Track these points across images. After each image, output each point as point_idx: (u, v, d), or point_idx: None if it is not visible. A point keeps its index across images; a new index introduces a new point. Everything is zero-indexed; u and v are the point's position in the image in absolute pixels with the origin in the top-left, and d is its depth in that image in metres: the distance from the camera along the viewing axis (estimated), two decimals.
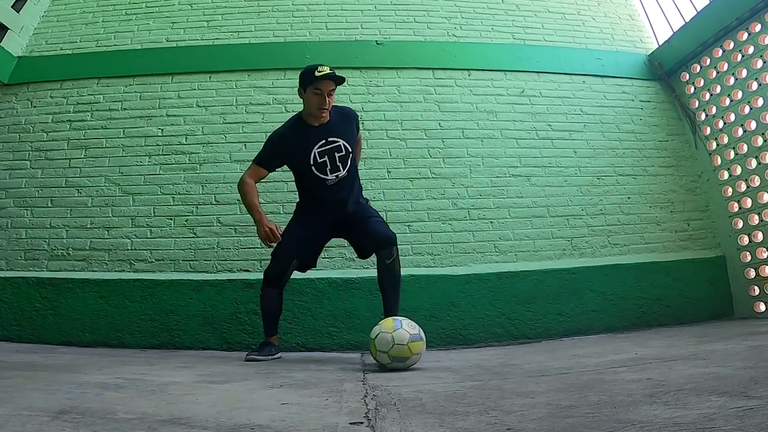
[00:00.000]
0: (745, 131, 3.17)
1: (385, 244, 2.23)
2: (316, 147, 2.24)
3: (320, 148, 2.24)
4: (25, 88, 3.47)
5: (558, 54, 3.73)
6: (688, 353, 1.78)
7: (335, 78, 2.19)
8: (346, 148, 2.29)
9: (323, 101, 2.18)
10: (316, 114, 2.23)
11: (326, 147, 2.25)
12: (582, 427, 0.90)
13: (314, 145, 2.24)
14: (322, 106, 2.20)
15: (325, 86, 2.17)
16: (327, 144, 2.25)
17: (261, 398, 1.30)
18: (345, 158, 2.29)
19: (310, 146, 2.24)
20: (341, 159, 2.27)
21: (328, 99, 2.19)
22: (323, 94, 2.18)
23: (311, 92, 2.19)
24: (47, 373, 1.67)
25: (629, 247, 3.28)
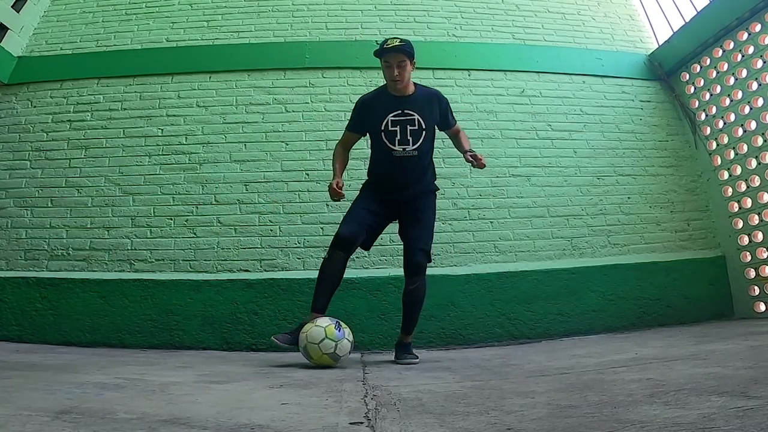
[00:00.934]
0: (745, 131, 3.17)
1: (410, 271, 2.25)
2: (391, 114, 2.28)
3: (395, 117, 2.28)
4: (25, 88, 3.47)
5: (558, 54, 3.73)
6: (688, 353, 1.78)
7: (403, 50, 2.22)
8: (420, 124, 2.28)
9: (393, 73, 2.24)
10: (391, 85, 2.29)
11: (400, 117, 2.28)
12: (582, 427, 0.90)
13: (390, 113, 2.28)
14: (392, 78, 2.25)
15: (392, 59, 2.23)
16: (402, 115, 2.28)
17: (261, 398, 1.30)
18: (417, 134, 2.28)
19: (386, 113, 2.29)
20: (413, 133, 2.27)
21: (398, 70, 2.23)
22: (392, 66, 2.24)
23: (383, 65, 2.27)
24: (47, 373, 1.67)
25: (629, 247, 3.28)
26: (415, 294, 2.26)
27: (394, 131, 2.27)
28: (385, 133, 2.27)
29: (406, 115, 2.28)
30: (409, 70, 2.28)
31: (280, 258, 3.03)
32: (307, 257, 3.04)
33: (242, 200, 3.15)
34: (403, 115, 2.28)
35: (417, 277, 2.25)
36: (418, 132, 2.28)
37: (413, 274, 2.24)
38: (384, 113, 2.28)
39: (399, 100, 2.30)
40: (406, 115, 2.28)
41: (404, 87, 2.29)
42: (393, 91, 2.31)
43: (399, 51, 2.22)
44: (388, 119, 2.27)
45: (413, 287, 2.25)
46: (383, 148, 2.29)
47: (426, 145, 2.32)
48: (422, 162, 2.33)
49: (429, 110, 2.34)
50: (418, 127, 2.28)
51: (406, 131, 2.27)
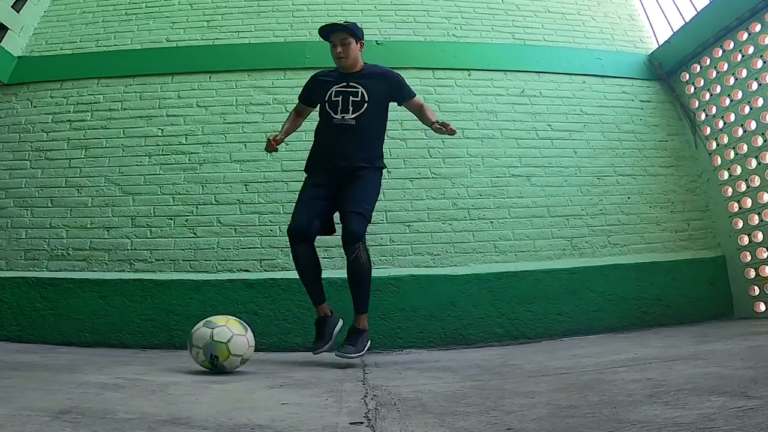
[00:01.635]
0: (745, 131, 3.17)
1: (346, 241, 2.18)
2: (336, 86, 2.38)
3: (339, 88, 2.37)
4: (25, 88, 3.47)
5: (558, 54, 3.73)
6: (688, 353, 1.78)
7: (341, 28, 2.35)
8: (362, 95, 2.34)
9: (336, 51, 2.36)
10: (336, 63, 2.41)
11: (344, 89, 2.37)
12: (582, 427, 0.90)
13: (335, 85, 2.38)
14: (337, 55, 2.37)
15: (335, 37, 2.36)
16: (347, 87, 2.37)
17: (261, 398, 1.30)
18: (358, 104, 2.33)
19: (333, 85, 2.39)
20: (354, 104, 2.33)
21: (341, 48, 2.35)
22: (336, 44, 2.36)
23: (330, 47, 2.39)
24: (47, 373, 1.67)
25: (629, 247, 3.28)
26: (356, 265, 2.19)
27: (336, 101, 2.35)
28: (329, 102, 2.36)
29: (351, 87, 2.37)
30: (354, 48, 2.37)
31: (280, 258, 3.03)
32: None
33: (242, 200, 3.15)
34: (348, 87, 2.37)
35: (353, 246, 2.17)
36: (360, 103, 2.33)
37: (349, 243, 2.17)
38: (330, 85, 2.39)
39: (346, 76, 2.40)
40: (351, 87, 2.37)
41: (351, 65, 2.38)
42: (342, 69, 2.41)
43: (341, 30, 2.35)
44: (333, 90, 2.37)
45: (352, 257, 2.18)
46: (325, 116, 2.38)
47: (367, 119, 2.32)
48: (363, 135, 2.32)
49: (376, 85, 2.39)
50: (360, 99, 2.34)
51: (348, 101, 2.34)
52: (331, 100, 2.35)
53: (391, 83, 2.44)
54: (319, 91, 2.42)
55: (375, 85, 2.39)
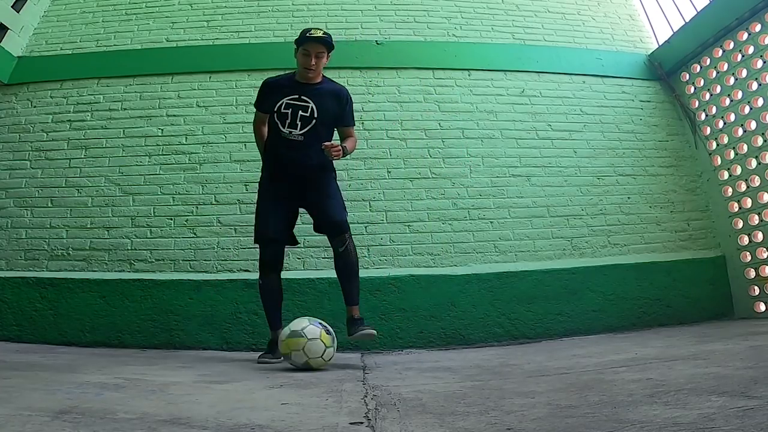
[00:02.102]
0: (745, 131, 3.17)
1: (335, 232, 2.23)
2: (288, 98, 2.31)
3: (290, 100, 2.31)
4: (25, 88, 3.47)
5: (558, 54, 3.73)
6: (688, 353, 1.78)
7: (325, 42, 2.25)
8: (313, 113, 2.30)
9: (308, 61, 2.26)
10: (302, 73, 2.32)
11: (295, 102, 2.31)
12: (582, 427, 0.90)
13: (287, 96, 2.32)
14: (307, 66, 2.27)
15: (312, 48, 2.25)
16: (298, 100, 2.31)
17: (261, 398, 1.30)
18: (307, 120, 2.30)
19: (284, 95, 2.33)
20: (302, 119, 2.29)
21: (316, 60, 2.27)
22: (311, 55, 2.26)
23: (301, 52, 2.29)
24: (47, 373, 1.67)
25: (629, 247, 3.28)
26: (347, 256, 2.24)
27: (285, 113, 2.31)
28: (278, 114, 2.32)
29: (302, 101, 2.32)
30: (324, 62, 2.32)
31: None
32: (307, 257, 3.04)
33: (242, 200, 3.15)
34: (299, 100, 2.32)
35: (343, 236, 2.23)
36: (308, 119, 2.30)
37: (339, 233, 2.23)
38: (282, 95, 2.33)
39: (301, 86, 2.34)
40: (302, 101, 2.32)
41: (314, 76, 2.33)
42: (300, 78, 2.34)
43: (322, 42, 2.25)
44: (283, 101, 2.31)
45: (343, 248, 2.23)
46: (275, 128, 2.34)
47: (315, 135, 2.30)
48: (311, 149, 2.30)
49: (331, 105, 2.36)
50: (309, 115, 2.30)
51: (296, 116, 2.30)
52: (280, 112, 2.31)
53: (342, 104, 2.39)
54: (273, 98, 2.36)
55: (326, 103, 2.34)
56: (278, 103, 2.31)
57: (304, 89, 2.33)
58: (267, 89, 2.41)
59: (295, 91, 2.32)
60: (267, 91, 2.41)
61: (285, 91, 2.34)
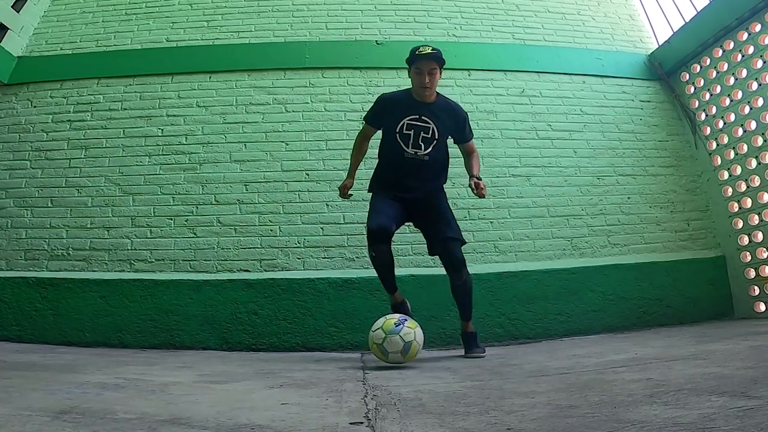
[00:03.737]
0: (745, 131, 3.17)
1: (456, 269, 2.31)
2: (408, 117, 2.34)
3: (411, 120, 2.33)
4: (25, 88, 3.47)
5: (558, 54, 3.73)
6: (688, 353, 1.78)
7: (436, 58, 2.27)
8: (434, 133, 2.34)
9: (423, 80, 2.28)
10: (419, 92, 2.34)
11: (417, 122, 2.34)
12: (582, 427, 0.90)
13: (407, 115, 2.34)
14: (422, 85, 2.29)
15: (424, 66, 2.27)
16: (419, 120, 2.34)
17: (261, 398, 1.30)
18: (429, 141, 2.34)
19: (404, 115, 2.34)
20: (425, 140, 2.33)
21: (429, 78, 2.28)
22: (423, 73, 2.27)
23: (413, 71, 2.31)
24: (47, 373, 1.67)
25: (629, 247, 3.28)
26: (465, 286, 2.35)
27: (408, 134, 2.33)
28: (400, 134, 2.33)
29: (423, 122, 2.34)
30: (438, 78, 2.33)
31: (280, 258, 3.03)
32: (307, 257, 3.04)
33: (242, 200, 3.15)
34: (420, 120, 2.34)
35: (462, 271, 2.32)
36: (431, 140, 2.35)
37: (457, 269, 2.31)
38: (402, 115, 2.34)
39: (419, 105, 2.35)
40: (423, 121, 2.34)
41: (430, 95, 2.34)
42: (417, 97, 2.36)
43: (432, 58, 2.26)
44: (405, 121, 2.33)
45: (460, 282, 2.33)
46: (396, 148, 2.34)
47: (438, 153, 2.38)
48: (433, 167, 2.39)
49: (449, 123, 2.40)
50: (431, 136, 2.35)
51: (419, 136, 2.33)
52: (402, 132, 2.33)
53: (458, 121, 2.43)
54: (390, 116, 2.37)
55: (445, 122, 2.38)
56: (399, 123, 2.34)
57: (423, 108, 2.35)
58: (383, 106, 2.42)
59: (415, 111, 2.34)
60: (382, 108, 2.42)
61: (403, 110, 2.36)
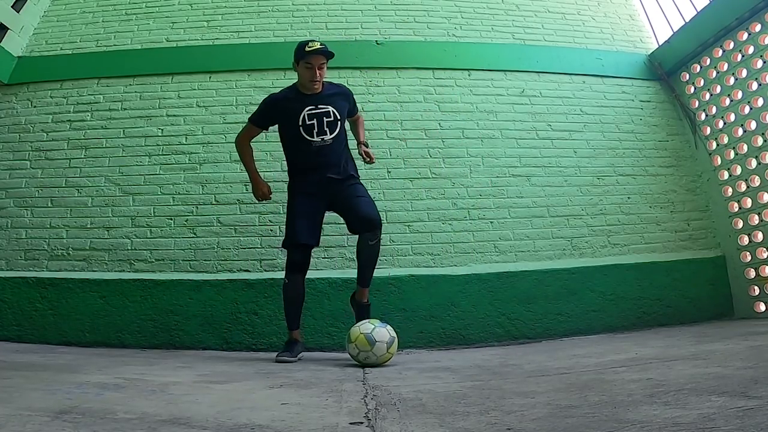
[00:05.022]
0: (745, 131, 3.17)
1: (370, 227, 2.36)
2: (306, 110, 2.41)
3: (310, 111, 2.41)
4: (25, 88, 3.47)
5: (558, 54, 3.73)
6: (688, 353, 1.78)
7: (325, 52, 2.35)
8: (335, 115, 2.44)
9: (314, 74, 2.37)
10: (308, 86, 2.42)
11: (315, 111, 2.42)
12: (582, 427, 0.90)
13: (304, 108, 2.41)
14: (313, 79, 2.38)
15: (315, 60, 2.35)
16: (317, 109, 2.42)
17: (261, 398, 1.30)
18: (333, 124, 2.43)
19: (301, 109, 2.41)
20: (329, 124, 2.42)
21: (319, 72, 2.37)
22: (314, 68, 2.36)
23: (303, 66, 2.38)
24: (47, 373, 1.67)
25: (629, 247, 3.28)
26: (376, 248, 2.40)
27: (311, 124, 2.40)
28: (303, 127, 2.40)
29: (320, 109, 2.42)
30: (324, 71, 2.43)
31: (280, 258, 3.03)
32: None
33: (242, 200, 3.15)
34: (317, 108, 2.42)
35: (377, 231, 2.37)
36: (334, 122, 2.44)
37: (374, 228, 2.36)
38: (298, 110, 2.41)
39: (311, 97, 2.44)
40: (320, 108, 2.42)
41: (318, 87, 2.43)
42: (305, 90, 2.44)
43: (322, 53, 2.35)
44: (304, 114, 2.40)
45: (373, 242, 2.37)
46: (303, 140, 2.41)
47: (339, 135, 2.47)
48: (341, 148, 2.48)
49: (341, 103, 2.50)
50: (333, 118, 2.43)
51: (322, 122, 2.41)
52: (306, 124, 2.39)
53: (349, 99, 2.57)
54: (286, 114, 2.44)
55: (338, 102, 2.48)
56: (300, 116, 2.39)
57: (318, 98, 2.44)
58: (274, 105, 2.48)
59: (309, 102, 2.42)
60: (273, 108, 2.49)
61: (298, 104, 2.42)
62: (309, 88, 2.42)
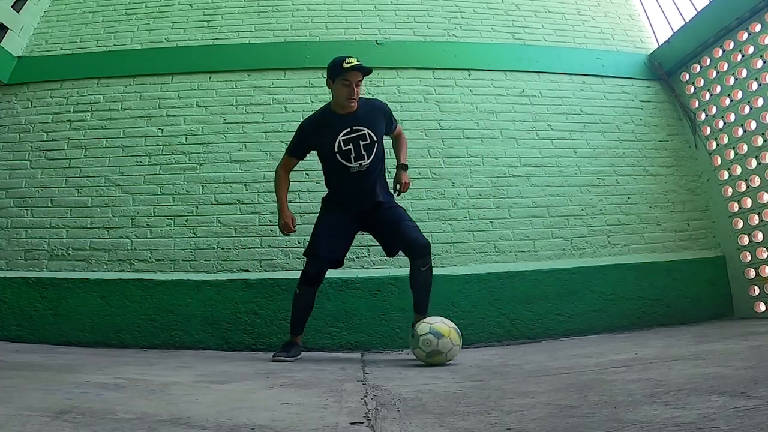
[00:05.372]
0: (745, 131, 3.17)
1: (421, 253, 2.29)
2: (341, 135, 2.31)
3: (345, 136, 2.31)
4: (25, 88, 3.47)
5: (558, 54, 3.73)
6: (688, 353, 1.78)
7: (362, 69, 2.27)
8: (371, 137, 2.33)
9: (351, 92, 2.27)
10: (344, 104, 2.31)
11: (351, 135, 2.32)
12: (582, 427, 0.90)
13: (339, 133, 2.31)
14: (350, 97, 2.28)
15: (352, 77, 2.26)
16: (352, 132, 2.32)
17: (261, 398, 1.30)
18: (370, 147, 2.33)
19: (336, 133, 2.31)
20: (366, 147, 2.32)
21: (356, 89, 2.28)
22: (351, 85, 2.26)
23: (340, 83, 2.27)
24: (47, 373, 1.67)
25: (629, 247, 3.28)
26: (428, 274, 2.32)
27: (348, 150, 2.31)
28: (340, 153, 2.31)
29: (356, 131, 2.33)
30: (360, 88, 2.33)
31: (280, 258, 3.03)
32: None
33: (242, 200, 3.15)
34: (353, 132, 2.32)
35: (427, 257, 2.30)
36: (370, 145, 2.34)
37: (424, 254, 2.29)
38: (333, 135, 2.32)
39: (345, 119, 2.33)
40: (356, 131, 2.32)
41: (355, 105, 2.33)
42: (341, 110, 2.34)
43: (360, 69, 2.26)
44: (339, 140, 2.31)
45: (425, 269, 2.30)
46: (339, 167, 2.33)
47: (377, 156, 2.38)
48: (379, 171, 2.41)
49: (377, 122, 2.39)
50: (369, 141, 2.33)
51: (359, 147, 2.32)
52: (342, 150, 2.30)
53: (386, 116, 2.45)
54: (320, 141, 2.35)
55: (375, 121, 2.37)
56: (335, 142, 2.30)
57: (353, 119, 2.33)
58: (309, 133, 2.38)
59: (344, 125, 2.32)
60: (308, 136, 2.38)
61: (332, 129, 2.32)
62: (345, 107, 2.31)
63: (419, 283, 2.32)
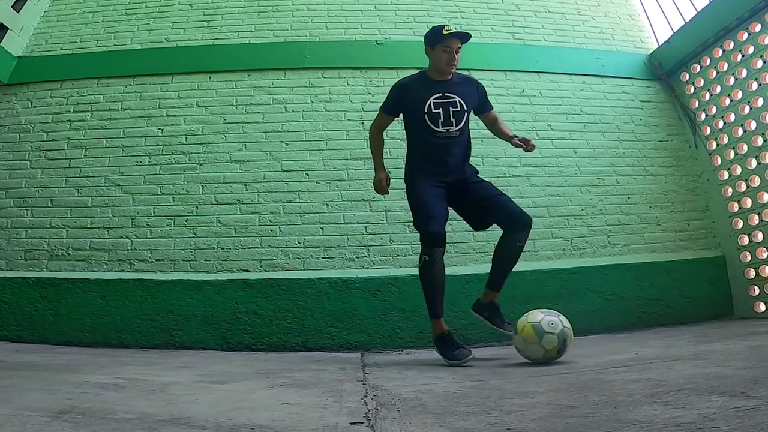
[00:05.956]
0: (745, 131, 3.17)
1: (525, 228, 2.26)
2: (433, 97, 2.30)
3: (436, 100, 2.30)
4: (25, 88, 3.47)
5: (558, 54, 3.73)
6: (688, 353, 1.78)
7: (462, 36, 2.27)
8: (462, 106, 2.31)
9: (452, 58, 2.27)
10: (444, 69, 2.31)
11: (443, 100, 2.30)
12: (582, 427, 0.90)
13: (431, 96, 2.30)
14: (451, 63, 2.28)
15: (453, 44, 2.26)
16: (444, 97, 2.31)
17: (261, 398, 1.30)
18: (459, 115, 2.30)
19: (428, 96, 2.31)
20: (455, 114, 2.29)
21: (457, 56, 2.28)
22: (452, 51, 2.26)
23: (440, 50, 2.28)
24: (47, 373, 1.67)
25: (629, 247, 3.28)
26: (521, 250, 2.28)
27: (437, 113, 2.29)
28: (429, 115, 2.29)
29: (447, 98, 2.31)
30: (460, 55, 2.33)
31: (280, 258, 3.03)
32: (307, 257, 3.04)
33: (242, 200, 3.15)
34: (445, 97, 2.31)
35: (528, 233, 2.26)
36: (460, 113, 2.31)
37: (527, 229, 2.25)
38: (425, 96, 2.31)
39: (440, 84, 2.33)
40: (448, 97, 2.31)
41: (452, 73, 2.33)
42: (437, 76, 2.34)
43: (461, 36, 2.26)
44: (431, 102, 2.29)
45: (521, 244, 2.26)
46: (427, 129, 2.30)
47: (465, 127, 2.36)
48: (465, 145, 2.37)
49: (470, 94, 2.38)
50: (460, 109, 2.31)
51: (448, 112, 2.29)
52: (431, 112, 2.28)
53: (480, 91, 2.43)
54: (412, 100, 2.34)
55: (468, 93, 2.36)
56: (426, 104, 2.29)
57: (447, 86, 2.32)
58: (403, 92, 2.38)
59: (437, 89, 2.31)
60: (403, 94, 2.38)
61: (425, 91, 2.32)
62: (444, 73, 2.31)
63: (512, 255, 2.29)
